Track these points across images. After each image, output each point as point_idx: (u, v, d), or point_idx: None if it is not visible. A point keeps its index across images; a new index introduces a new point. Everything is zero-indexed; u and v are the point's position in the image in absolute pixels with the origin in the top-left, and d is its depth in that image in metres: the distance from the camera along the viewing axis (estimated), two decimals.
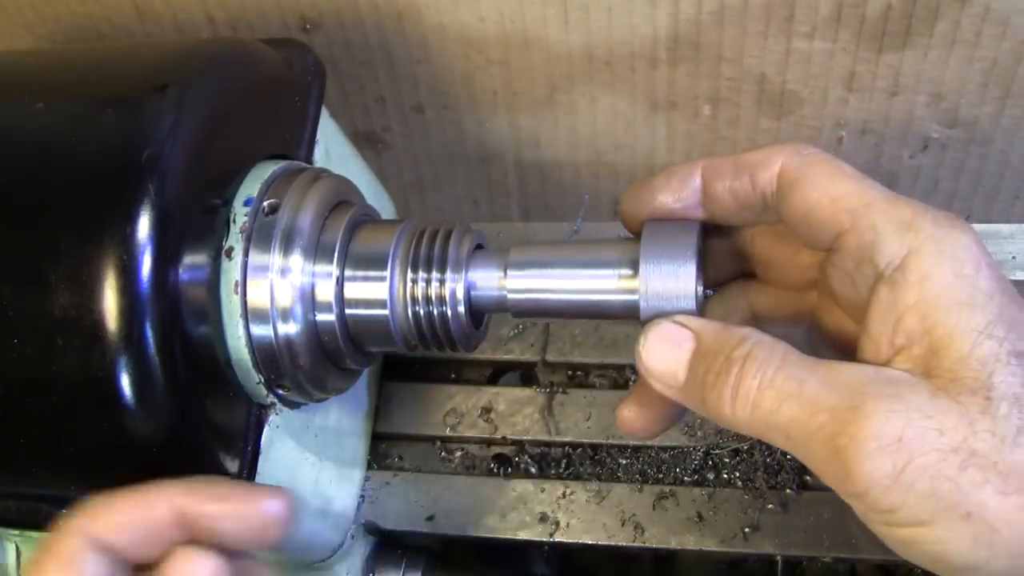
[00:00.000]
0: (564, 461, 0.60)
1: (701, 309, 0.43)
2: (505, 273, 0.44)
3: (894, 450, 0.34)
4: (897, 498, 0.34)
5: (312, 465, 0.52)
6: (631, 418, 0.45)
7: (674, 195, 0.43)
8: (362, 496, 0.59)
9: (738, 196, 0.42)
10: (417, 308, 0.45)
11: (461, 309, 0.44)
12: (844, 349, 0.42)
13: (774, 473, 0.57)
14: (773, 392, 0.37)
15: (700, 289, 0.43)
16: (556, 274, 0.44)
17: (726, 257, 0.47)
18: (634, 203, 0.44)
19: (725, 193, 0.42)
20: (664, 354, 0.40)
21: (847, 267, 0.39)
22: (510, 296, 0.44)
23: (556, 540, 0.56)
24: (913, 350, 0.36)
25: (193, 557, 0.37)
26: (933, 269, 0.36)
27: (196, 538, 0.38)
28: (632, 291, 0.42)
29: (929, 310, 0.36)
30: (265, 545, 0.40)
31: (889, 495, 0.34)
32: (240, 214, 0.44)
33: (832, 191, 0.39)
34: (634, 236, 0.44)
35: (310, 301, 0.45)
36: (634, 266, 0.42)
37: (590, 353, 0.63)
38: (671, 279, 0.41)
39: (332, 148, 0.54)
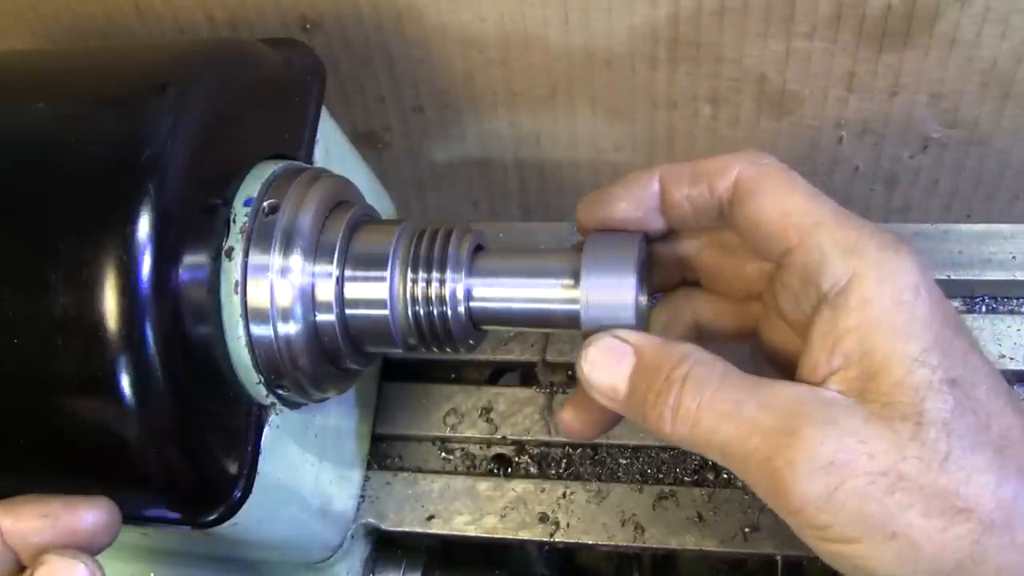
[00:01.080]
0: (564, 461, 0.60)
1: (645, 318, 0.44)
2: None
3: (826, 473, 0.35)
4: (828, 517, 0.36)
5: (312, 465, 0.52)
6: (571, 421, 0.46)
7: (634, 203, 0.43)
8: (362, 496, 0.59)
9: (696, 204, 0.43)
10: (417, 308, 0.45)
11: (461, 309, 0.44)
12: (786, 364, 0.43)
13: None
14: (711, 413, 0.38)
15: (643, 299, 0.44)
16: (505, 283, 0.45)
17: (673, 264, 0.47)
18: (591, 211, 0.44)
19: (683, 200, 0.43)
20: (605, 369, 0.41)
21: (793, 285, 0.40)
22: (471, 304, 0.45)
23: (556, 540, 0.56)
24: (850, 372, 0.37)
25: (63, 564, 0.37)
26: (873, 295, 0.37)
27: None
28: (574, 301, 0.43)
29: (867, 335, 0.37)
30: (95, 551, 0.40)
31: (821, 515, 0.36)
32: (240, 214, 0.44)
33: (784, 206, 0.40)
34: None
35: (310, 301, 0.45)
36: (576, 276, 0.43)
37: None
38: (611, 291, 0.42)
39: (332, 148, 0.54)
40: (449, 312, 0.44)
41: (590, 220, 0.44)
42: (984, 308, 0.60)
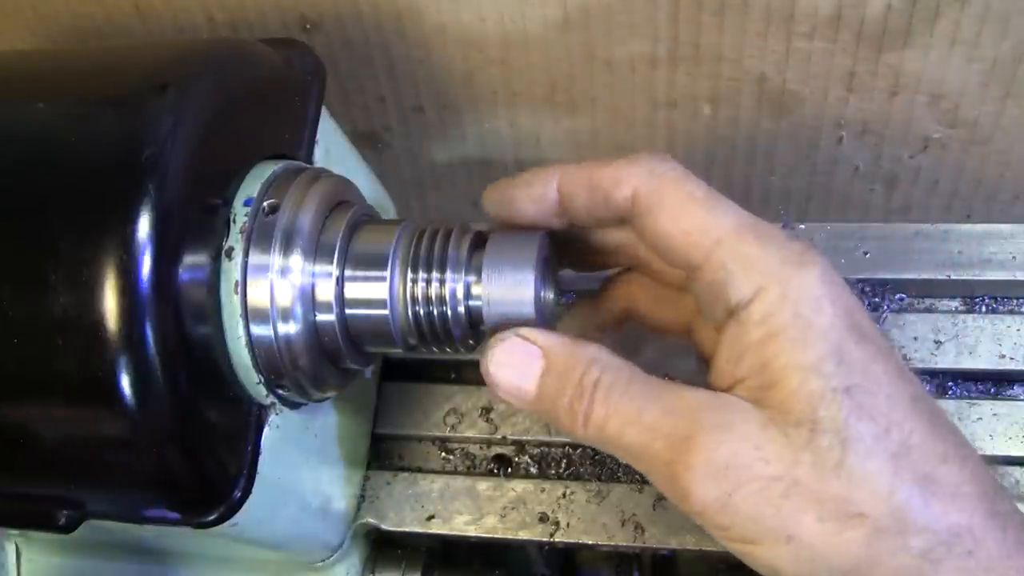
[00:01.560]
0: (564, 461, 0.60)
1: (553, 314, 0.45)
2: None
3: (721, 477, 0.37)
4: (727, 519, 0.37)
5: (312, 465, 0.52)
6: None
7: (533, 205, 0.44)
8: (362, 496, 0.59)
9: (593, 214, 0.43)
10: (417, 308, 0.45)
11: (461, 309, 0.44)
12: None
13: None
14: (618, 418, 0.39)
15: (549, 296, 0.44)
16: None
17: (611, 250, 0.47)
18: (496, 205, 0.45)
19: (581, 208, 0.43)
20: (512, 370, 0.41)
21: (704, 297, 0.41)
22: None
23: (556, 540, 0.56)
24: (752, 381, 0.38)
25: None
26: (773, 309, 0.38)
27: None
28: (478, 297, 0.43)
29: (767, 348, 0.38)
30: None
31: (720, 516, 0.37)
32: (240, 214, 0.44)
33: (683, 223, 0.40)
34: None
35: (310, 301, 0.45)
36: (479, 273, 0.43)
37: None
38: (512, 287, 0.42)
39: (332, 148, 0.54)
40: (449, 312, 0.44)
41: (495, 212, 0.45)
42: (984, 308, 0.60)
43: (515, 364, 0.41)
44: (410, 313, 0.45)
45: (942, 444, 0.37)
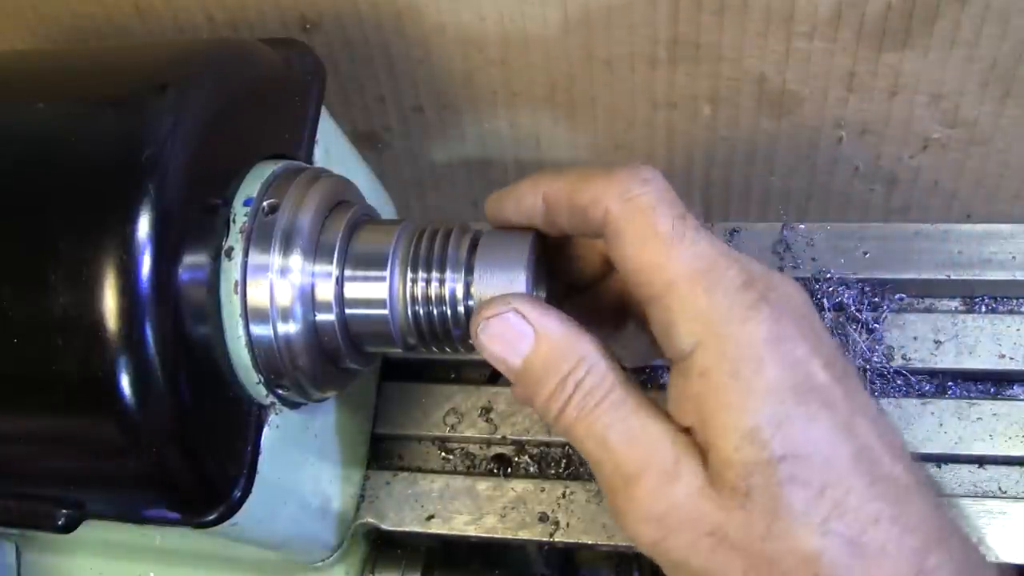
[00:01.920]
0: (564, 461, 0.60)
1: None
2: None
3: (657, 522, 0.38)
4: (658, 558, 0.39)
5: (312, 465, 0.52)
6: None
7: (524, 217, 0.44)
8: (362, 496, 0.59)
9: (576, 228, 0.43)
10: (417, 308, 0.45)
11: (461, 309, 0.44)
12: None
13: None
14: (585, 427, 0.40)
15: (541, 295, 0.45)
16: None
17: (598, 260, 0.47)
18: (491, 214, 0.46)
19: (565, 223, 0.43)
20: (502, 344, 0.41)
21: (655, 332, 0.41)
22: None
23: (556, 540, 0.56)
24: (694, 433, 0.39)
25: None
26: (712, 367, 0.38)
27: None
28: (468, 296, 0.44)
29: (702, 407, 0.38)
30: None
31: (651, 552, 0.39)
32: (240, 214, 0.44)
33: (642, 258, 0.40)
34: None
35: (310, 301, 0.45)
36: (472, 272, 0.44)
37: None
38: (504, 287, 0.43)
39: (332, 148, 0.54)
40: (449, 312, 0.44)
41: (492, 223, 0.46)
42: (984, 308, 0.60)
43: (506, 340, 0.41)
44: (410, 313, 0.45)
45: (877, 504, 0.37)
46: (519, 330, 0.41)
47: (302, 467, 0.51)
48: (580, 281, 0.48)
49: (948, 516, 0.39)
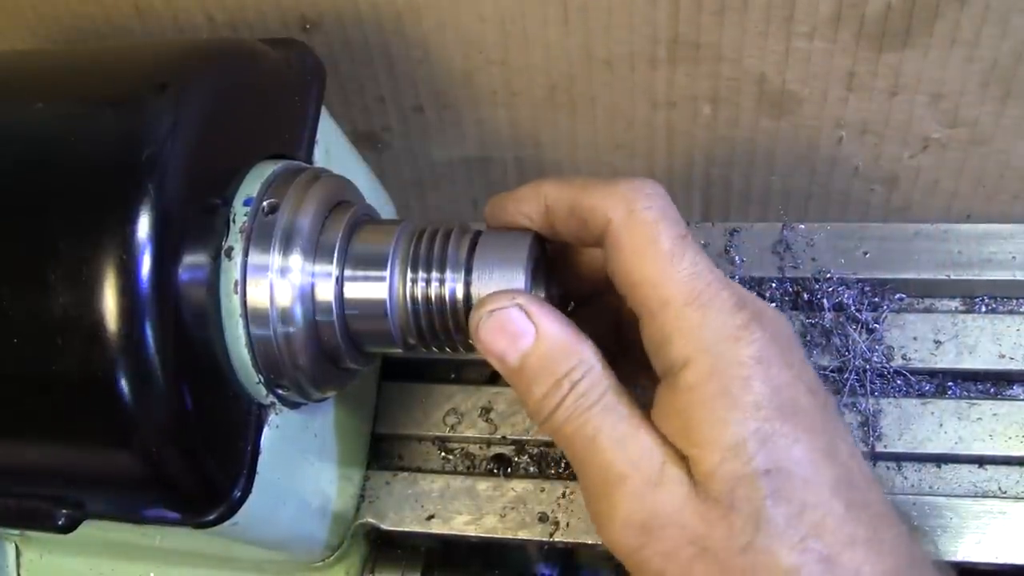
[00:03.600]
0: (564, 461, 0.60)
1: None
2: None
3: (636, 529, 0.39)
4: (636, 566, 0.39)
5: (312, 465, 0.52)
6: None
7: (526, 220, 0.44)
8: (362, 496, 0.59)
9: (576, 236, 0.43)
10: (417, 308, 0.45)
11: (461, 309, 0.44)
12: None
13: None
14: (574, 428, 0.40)
15: (540, 295, 0.45)
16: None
17: (596, 268, 0.47)
18: (492, 216, 0.46)
19: (564, 230, 0.43)
20: (502, 338, 0.41)
21: (647, 347, 0.41)
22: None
23: (556, 540, 0.56)
24: (679, 446, 0.39)
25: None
26: (701, 383, 0.38)
27: None
28: (468, 296, 0.44)
29: (690, 419, 0.39)
30: None
31: (630, 562, 0.39)
32: (240, 214, 0.44)
33: (639, 273, 0.40)
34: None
35: (310, 301, 0.45)
36: (471, 272, 0.44)
37: None
38: (503, 286, 0.43)
39: (332, 148, 0.54)
40: (449, 312, 0.44)
41: (492, 225, 0.46)
42: (984, 308, 0.60)
43: (506, 334, 0.41)
44: (410, 313, 0.45)
45: (854, 525, 0.37)
46: (520, 326, 0.41)
47: (302, 467, 0.51)
48: (575, 294, 0.49)
49: (920, 545, 0.40)
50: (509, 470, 0.60)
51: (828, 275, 0.60)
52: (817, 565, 0.37)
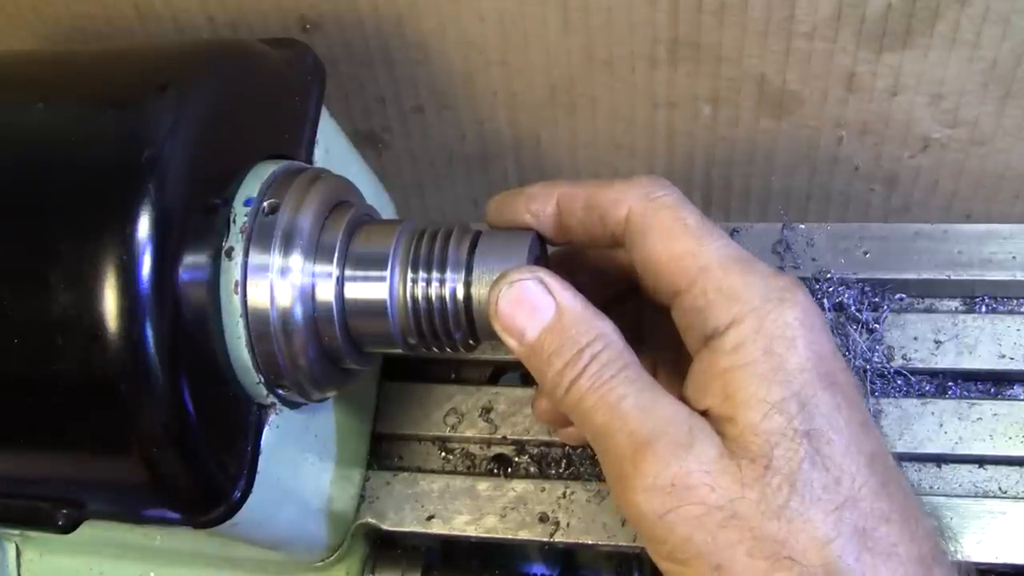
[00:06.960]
0: (564, 461, 0.60)
1: None
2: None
3: (666, 493, 0.37)
4: (661, 534, 0.38)
5: (312, 465, 0.52)
6: (546, 409, 0.48)
7: (533, 217, 0.44)
8: (362, 496, 0.59)
9: (589, 232, 0.43)
10: (417, 308, 0.45)
11: (461, 309, 0.44)
12: None
13: None
14: (596, 396, 0.39)
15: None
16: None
17: (602, 269, 0.47)
18: (496, 212, 0.46)
19: (577, 226, 0.43)
20: (520, 312, 0.41)
21: (683, 323, 0.41)
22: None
23: (556, 540, 0.56)
24: (715, 411, 0.39)
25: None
26: (746, 342, 0.38)
27: None
28: (468, 296, 0.44)
29: (733, 378, 0.38)
30: None
31: (655, 529, 0.38)
32: (240, 214, 0.44)
33: (672, 248, 0.41)
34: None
35: (310, 301, 0.45)
36: (472, 272, 0.44)
37: None
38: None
39: (332, 148, 0.54)
40: (449, 312, 0.44)
41: (494, 221, 0.46)
42: (984, 308, 0.60)
43: (526, 307, 0.41)
44: (410, 313, 0.45)
45: (888, 503, 0.37)
46: (540, 300, 0.41)
47: (302, 467, 0.51)
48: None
49: (946, 542, 0.40)
50: (509, 470, 0.60)
51: (828, 275, 0.60)
52: (853, 538, 0.36)
